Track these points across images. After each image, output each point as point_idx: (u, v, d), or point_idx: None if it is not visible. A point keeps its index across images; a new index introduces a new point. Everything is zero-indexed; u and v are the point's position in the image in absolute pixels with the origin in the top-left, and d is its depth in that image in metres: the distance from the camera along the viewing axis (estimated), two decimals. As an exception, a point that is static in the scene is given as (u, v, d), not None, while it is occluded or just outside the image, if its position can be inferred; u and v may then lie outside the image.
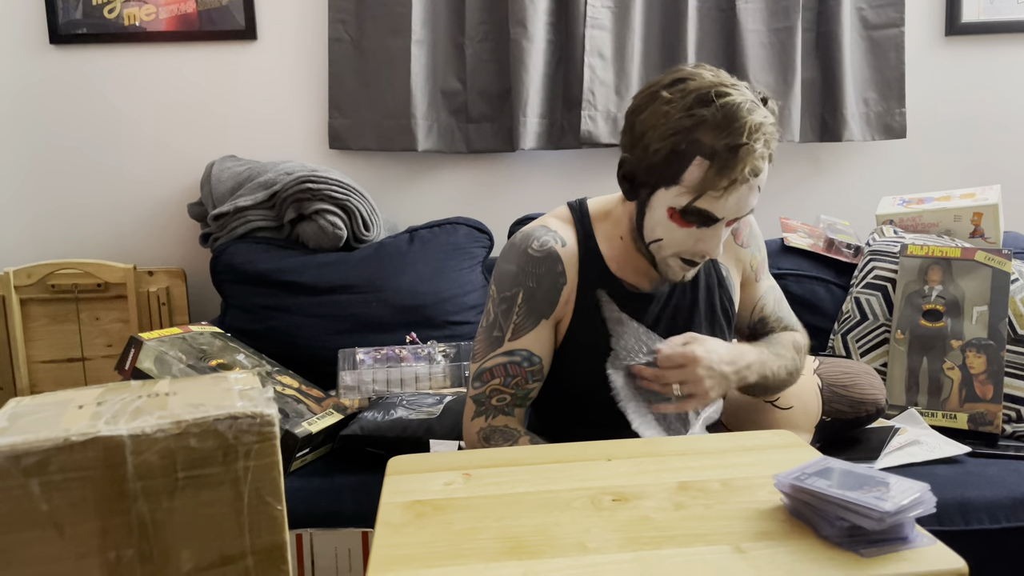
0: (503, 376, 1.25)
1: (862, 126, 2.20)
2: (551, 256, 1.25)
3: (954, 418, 1.70)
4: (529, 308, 1.24)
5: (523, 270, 1.25)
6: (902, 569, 0.76)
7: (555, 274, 1.25)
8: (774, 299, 1.42)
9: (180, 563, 0.72)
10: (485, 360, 1.26)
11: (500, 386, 1.25)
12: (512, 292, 1.25)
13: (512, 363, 1.25)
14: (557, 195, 2.24)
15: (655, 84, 1.18)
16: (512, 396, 1.26)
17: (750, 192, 1.15)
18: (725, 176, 1.11)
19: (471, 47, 2.13)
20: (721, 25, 2.16)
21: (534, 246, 1.25)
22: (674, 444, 1.08)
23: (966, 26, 2.23)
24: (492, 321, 1.27)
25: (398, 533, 0.85)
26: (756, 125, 1.11)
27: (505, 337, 1.25)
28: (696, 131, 1.12)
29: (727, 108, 1.11)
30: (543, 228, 1.28)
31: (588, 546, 0.81)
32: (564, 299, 1.26)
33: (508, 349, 1.25)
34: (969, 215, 1.94)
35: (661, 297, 1.30)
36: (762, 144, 1.12)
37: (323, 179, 1.94)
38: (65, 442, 0.68)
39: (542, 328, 1.25)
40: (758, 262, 1.39)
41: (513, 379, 1.25)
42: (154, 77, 2.16)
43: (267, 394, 0.78)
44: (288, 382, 1.71)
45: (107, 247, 2.20)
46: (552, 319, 1.26)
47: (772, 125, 1.14)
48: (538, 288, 1.24)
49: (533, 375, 1.26)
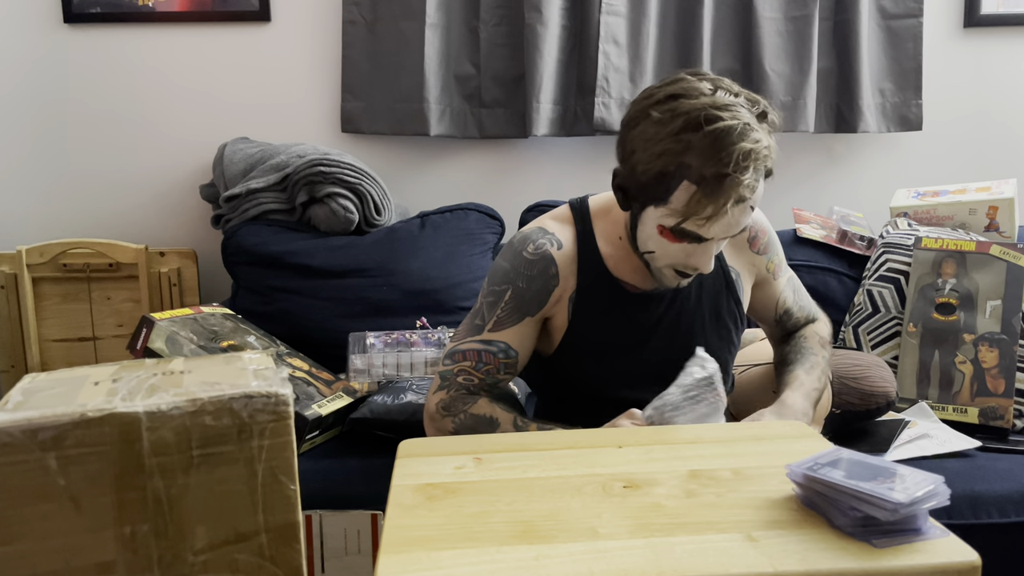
0: (475, 360, 1.26)
1: (878, 117, 2.18)
2: (545, 259, 1.25)
3: (965, 412, 1.70)
4: (515, 306, 1.25)
5: (516, 270, 1.25)
6: (915, 560, 0.76)
7: (547, 276, 1.25)
8: (793, 290, 1.42)
9: (194, 539, 0.72)
10: (461, 342, 1.28)
11: (470, 368, 1.26)
12: (501, 288, 1.26)
13: (487, 351, 1.26)
14: (569, 182, 2.23)
15: (649, 98, 1.15)
16: (480, 381, 1.27)
17: (741, 214, 1.13)
18: (711, 203, 1.10)
19: (485, 31, 2.12)
20: (737, 13, 2.14)
21: (529, 249, 1.26)
22: (685, 432, 1.08)
23: (985, 18, 2.21)
24: (477, 310, 1.29)
25: (410, 515, 0.86)
26: (745, 153, 1.08)
27: (485, 327, 1.26)
28: (684, 155, 1.10)
29: (716, 134, 1.08)
30: (540, 230, 1.28)
31: (600, 532, 0.81)
32: (555, 299, 1.26)
33: (486, 339, 1.26)
34: (984, 209, 1.92)
35: (664, 298, 1.29)
36: (751, 173, 1.10)
37: (335, 162, 1.94)
38: (82, 417, 0.69)
39: (525, 325, 1.26)
40: (775, 265, 1.38)
41: (485, 366, 1.26)
42: (167, 58, 2.16)
43: (281, 374, 0.79)
44: (298, 364, 1.71)
45: (119, 227, 2.20)
46: (538, 316, 1.26)
47: (766, 148, 1.11)
48: (527, 289, 1.25)
49: (507, 367, 1.27)
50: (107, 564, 0.70)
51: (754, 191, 1.12)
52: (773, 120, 1.14)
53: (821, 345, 1.38)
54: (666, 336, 1.28)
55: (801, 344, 1.38)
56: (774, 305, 1.40)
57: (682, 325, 1.29)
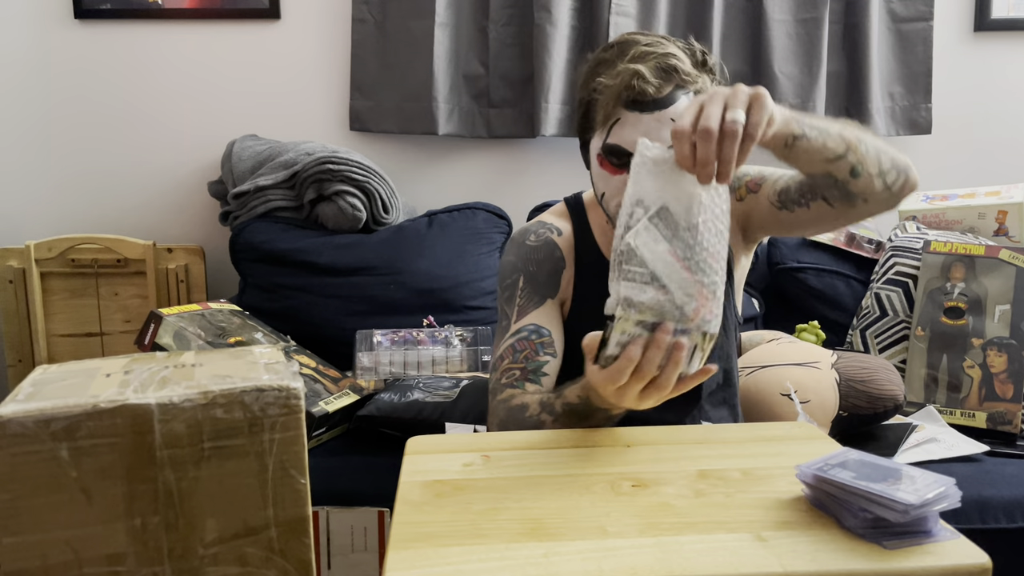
0: (511, 355, 1.23)
1: (887, 121, 2.17)
2: (548, 243, 1.27)
3: (973, 417, 1.69)
4: (532, 289, 1.25)
5: (522, 259, 1.26)
6: (925, 562, 0.75)
7: (555, 258, 1.26)
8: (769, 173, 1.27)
9: (204, 532, 0.72)
10: (497, 350, 1.26)
11: (510, 364, 1.23)
12: (513, 279, 1.26)
13: (519, 339, 1.23)
14: (576, 182, 2.22)
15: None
16: (522, 370, 1.21)
17: (660, 125, 1.10)
18: (615, 98, 1.12)
19: (494, 31, 2.12)
20: (747, 14, 2.14)
21: (531, 239, 1.28)
22: (694, 433, 1.08)
23: (995, 22, 2.20)
24: (500, 314, 1.28)
25: (418, 511, 0.85)
26: (643, 53, 1.11)
27: (512, 321, 1.25)
28: (598, 71, 1.15)
29: (623, 45, 1.13)
30: (539, 223, 1.31)
31: (608, 530, 0.81)
32: (565, 280, 1.27)
33: (514, 329, 1.24)
34: (994, 213, 1.92)
35: None
36: (648, 65, 1.09)
37: (344, 160, 1.94)
38: (94, 408, 0.69)
39: (548, 306, 1.25)
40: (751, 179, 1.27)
41: (522, 352, 1.22)
42: (177, 55, 2.17)
43: (292, 368, 0.79)
44: (305, 361, 1.71)
45: (127, 223, 2.21)
46: (557, 300, 1.26)
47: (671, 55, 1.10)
48: (539, 271, 1.25)
49: (543, 346, 1.22)
50: (117, 555, 0.71)
51: (658, 90, 1.10)
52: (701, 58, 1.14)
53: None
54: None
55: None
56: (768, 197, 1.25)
57: None
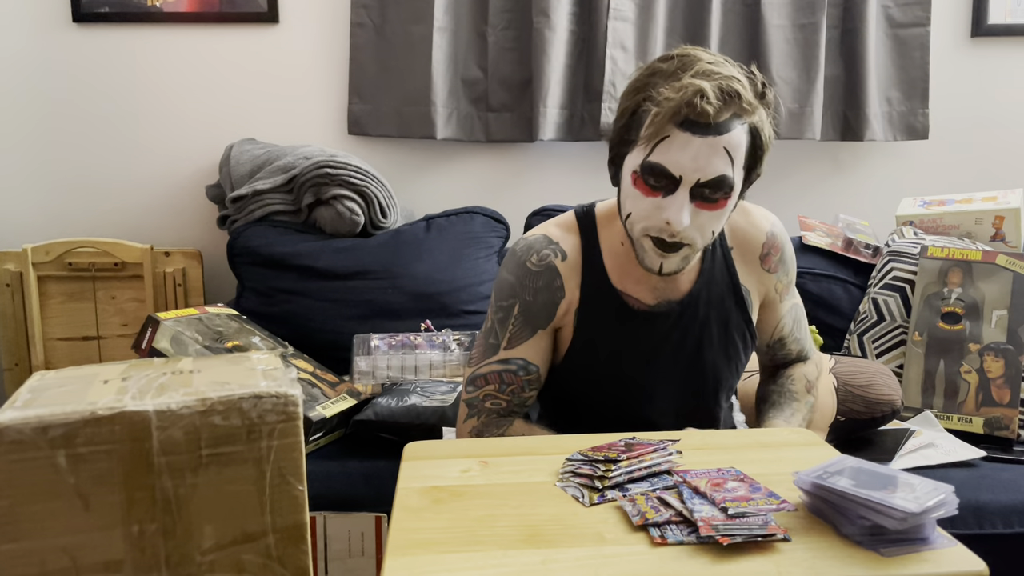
0: (497, 383, 1.23)
1: (884, 126, 2.18)
2: (549, 270, 1.22)
3: (970, 422, 1.69)
4: (525, 320, 1.23)
5: (521, 283, 1.23)
6: (923, 570, 0.76)
7: (553, 288, 1.22)
8: (794, 319, 1.36)
9: (202, 539, 0.72)
10: (480, 366, 1.25)
11: (495, 392, 1.24)
12: (509, 303, 1.23)
13: (507, 371, 1.23)
14: (575, 187, 2.23)
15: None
16: (508, 403, 1.24)
17: (711, 151, 1.07)
18: (670, 114, 1.07)
19: (493, 35, 2.12)
20: (745, 19, 2.14)
21: (533, 260, 1.23)
22: (692, 439, 1.08)
23: (992, 28, 2.21)
24: (489, 328, 1.26)
25: (415, 517, 0.85)
26: (707, 71, 1.07)
27: (501, 345, 1.24)
28: (652, 82, 1.10)
29: (684, 60, 1.09)
30: (544, 239, 1.24)
31: (606, 537, 0.81)
32: (562, 311, 1.24)
33: (503, 357, 1.23)
34: (991, 218, 1.92)
35: (670, 316, 1.24)
36: (710, 87, 1.04)
37: (342, 164, 1.94)
38: (92, 415, 0.69)
39: (539, 338, 1.23)
40: (783, 286, 1.33)
41: (508, 387, 1.23)
42: (175, 58, 2.17)
43: (290, 375, 0.79)
44: (303, 366, 1.71)
45: (125, 227, 2.21)
46: (550, 328, 1.24)
47: (735, 80, 1.07)
48: (534, 302, 1.22)
49: (529, 384, 1.24)
50: (115, 563, 0.70)
51: (718, 114, 1.06)
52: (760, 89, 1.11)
53: (807, 390, 1.34)
54: (671, 356, 1.24)
55: (787, 387, 1.34)
56: (771, 329, 1.35)
57: (688, 344, 1.25)
